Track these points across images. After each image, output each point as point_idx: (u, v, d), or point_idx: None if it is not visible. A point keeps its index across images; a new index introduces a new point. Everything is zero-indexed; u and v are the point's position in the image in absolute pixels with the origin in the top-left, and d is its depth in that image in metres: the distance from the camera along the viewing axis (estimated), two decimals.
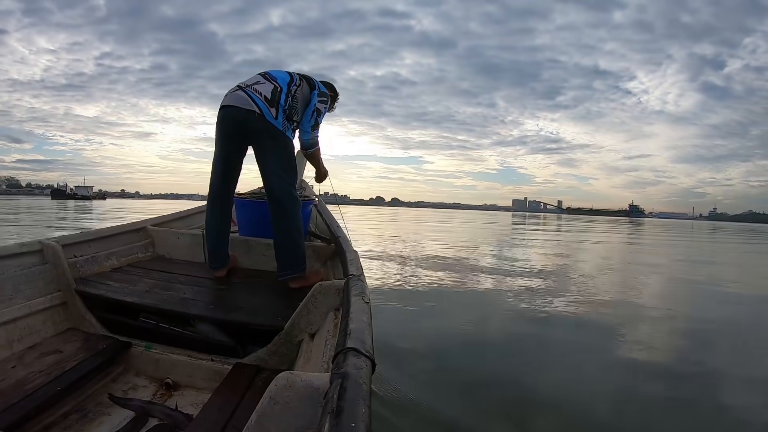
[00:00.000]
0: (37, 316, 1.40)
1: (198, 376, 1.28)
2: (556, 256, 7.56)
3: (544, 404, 1.76)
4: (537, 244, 10.40)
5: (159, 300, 1.46)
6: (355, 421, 0.43)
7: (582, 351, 2.45)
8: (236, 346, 1.35)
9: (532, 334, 2.73)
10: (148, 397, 1.20)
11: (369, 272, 4.22)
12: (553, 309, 3.35)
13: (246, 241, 2.09)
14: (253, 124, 1.62)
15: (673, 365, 2.30)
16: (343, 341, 0.65)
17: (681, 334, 2.94)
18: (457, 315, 3.13)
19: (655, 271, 6.26)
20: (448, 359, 2.20)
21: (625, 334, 2.79)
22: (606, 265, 6.57)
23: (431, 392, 1.78)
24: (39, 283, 1.48)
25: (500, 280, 4.64)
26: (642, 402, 1.83)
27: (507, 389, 1.88)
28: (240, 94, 1.65)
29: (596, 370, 2.15)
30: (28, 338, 1.34)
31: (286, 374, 0.59)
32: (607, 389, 1.94)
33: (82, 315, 1.48)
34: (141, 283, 1.65)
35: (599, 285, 4.59)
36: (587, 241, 12.46)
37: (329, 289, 1.17)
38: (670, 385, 2.02)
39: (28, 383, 1.08)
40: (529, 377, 2.02)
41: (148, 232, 2.21)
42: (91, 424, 1.07)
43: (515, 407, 1.73)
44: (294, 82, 1.76)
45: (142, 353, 1.34)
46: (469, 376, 1.99)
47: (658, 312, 3.55)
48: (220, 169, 1.76)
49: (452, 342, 2.47)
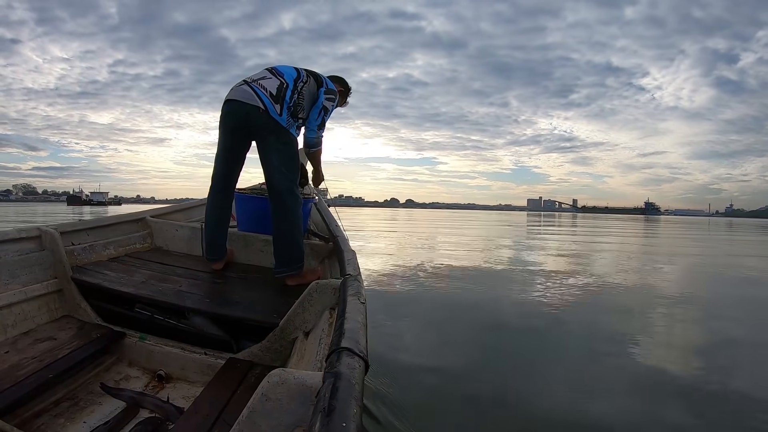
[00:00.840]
0: (33, 302, 1.40)
1: (191, 369, 1.28)
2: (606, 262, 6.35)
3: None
4: (569, 246, 8.89)
5: (155, 291, 1.46)
6: (346, 420, 0.43)
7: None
8: (230, 341, 1.35)
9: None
10: (140, 388, 1.20)
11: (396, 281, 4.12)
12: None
13: (244, 236, 2.09)
14: (256, 119, 1.62)
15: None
16: (338, 341, 0.65)
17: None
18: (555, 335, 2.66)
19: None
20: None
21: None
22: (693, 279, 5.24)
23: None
24: (36, 269, 1.48)
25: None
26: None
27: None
28: (245, 89, 1.65)
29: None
30: (23, 324, 1.34)
31: (279, 371, 0.59)
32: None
33: (78, 303, 1.48)
34: (138, 273, 1.65)
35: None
36: (618, 242, 10.70)
37: (325, 287, 1.17)
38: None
39: (21, 369, 1.08)
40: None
41: (147, 223, 2.21)
42: (82, 412, 1.07)
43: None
44: (301, 78, 1.75)
45: (135, 344, 1.34)
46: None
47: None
48: (222, 163, 1.77)
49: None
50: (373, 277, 4.23)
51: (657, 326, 2.89)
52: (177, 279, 1.63)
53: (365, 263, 4.98)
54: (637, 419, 1.60)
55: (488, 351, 2.32)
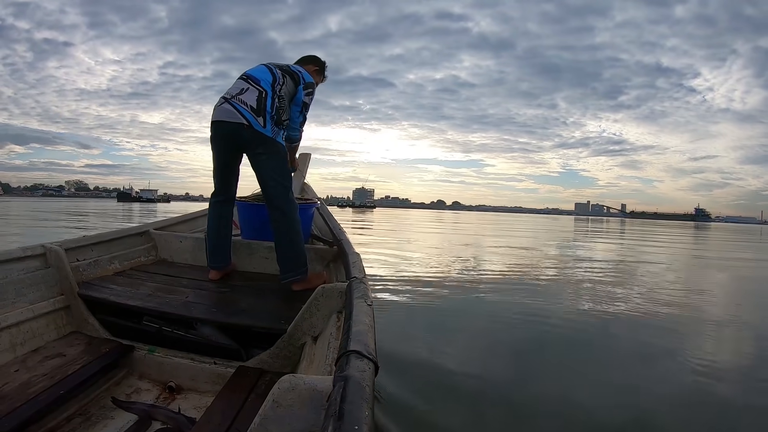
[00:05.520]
0: (41, 320, 1.41)
1: (201, 380, 1.28)
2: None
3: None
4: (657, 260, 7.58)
5: (162, 303, 1.46)
6: (358, 424, 0.43)
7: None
8: (239, 349, 1.35)
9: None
10: (151, 401, 1.20)
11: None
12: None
13: (248, 244, 2.09)
14: (242, 135, 1.66)
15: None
16: (346, 344, 0.65)
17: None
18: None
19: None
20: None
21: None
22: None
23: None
24: (42, 286, 1.48)
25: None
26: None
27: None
28: (226, 108, 1.68)
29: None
30: (32, 342, 1.35)
31: (289, 377, 0.59)
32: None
33: (85, 318, 1.48)
34: (144, 286, 1.65)
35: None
36: (682, 253, 9.60)
37: (332, 291, 1.17)
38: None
39: (32, 387, 1.08)
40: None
41: (151, 235, 2.22)
42: (95, 427, 1.07)
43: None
44: (277, 81, 1.76)
45: (145, 357, 1.34)
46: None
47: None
48: (219, 177, 1.83)
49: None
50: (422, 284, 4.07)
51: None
52: (183, 290, 1.63)
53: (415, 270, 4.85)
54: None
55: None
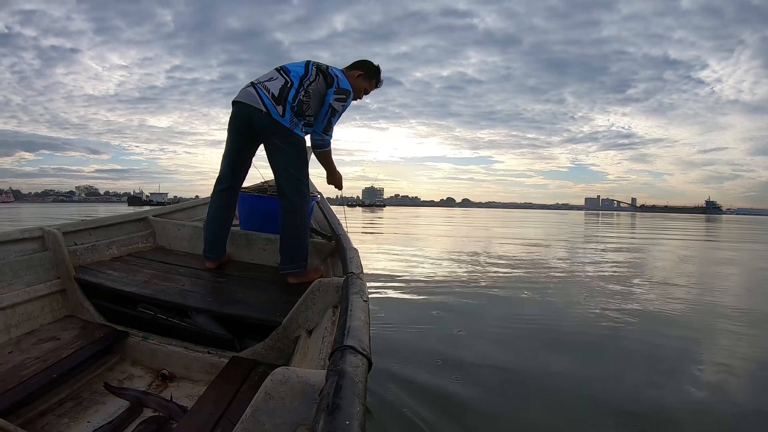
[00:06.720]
0: (36, 303, 1.41)
1: (194, 368, 1.28)
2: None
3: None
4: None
5: (158, 291, 1.46)
6: (350, 419, 0.43)
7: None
8: (233, 340, 1.35)
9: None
10: (143, 388, 1.20)
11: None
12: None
13: (247, 234, 2.09)
14: (259, 121, 1.63)
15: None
16: (341, 339, 0.65)
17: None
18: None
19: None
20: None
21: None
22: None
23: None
24: (39, 269, 1.48)
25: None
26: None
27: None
28: (250, 91, 1.66)
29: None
30: (26, 324, 1.35)
31: (282, 369, 0.58)
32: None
33: (81, 303, 1.48)
34: (140, 273, 1.65)
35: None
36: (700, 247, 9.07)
37: (328, 286, 1.17)
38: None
39: (25, 369, 1.08)
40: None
41: (150, 222, 2.21)
42: (86, 412, 1.07)
43: None
44: (308, 76, 1.72)
45: (138, 343, 1.34)
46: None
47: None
48: (228, 164, 1.78)
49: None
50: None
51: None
52: (180, 278, 1.63)
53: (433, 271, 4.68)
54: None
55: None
